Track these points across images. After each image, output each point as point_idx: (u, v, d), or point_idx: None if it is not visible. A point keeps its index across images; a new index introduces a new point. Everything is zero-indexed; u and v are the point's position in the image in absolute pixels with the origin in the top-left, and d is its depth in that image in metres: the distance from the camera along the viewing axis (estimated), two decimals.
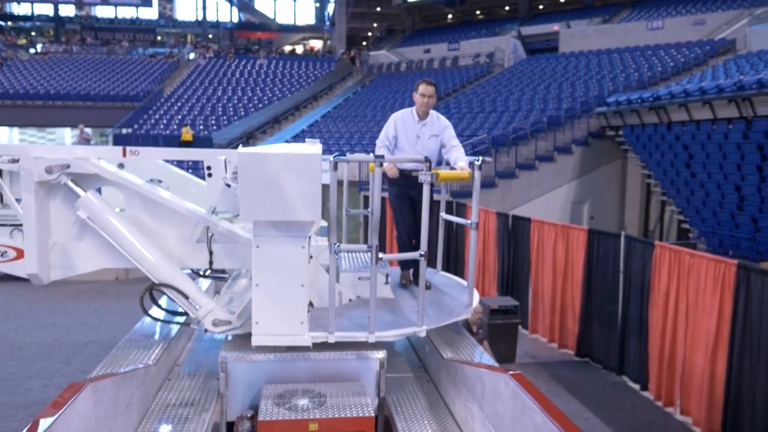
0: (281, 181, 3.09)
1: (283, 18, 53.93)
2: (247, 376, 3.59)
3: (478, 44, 34.09)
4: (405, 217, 4.81)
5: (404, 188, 4.71)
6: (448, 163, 4.67)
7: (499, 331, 9.31)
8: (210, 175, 3.58)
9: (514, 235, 11.46)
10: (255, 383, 3.58)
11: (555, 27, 33.02)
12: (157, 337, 4.07)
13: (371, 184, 4.85)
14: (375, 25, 48.65)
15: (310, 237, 3.47)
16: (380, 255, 3.49)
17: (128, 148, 3.71)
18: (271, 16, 53.79)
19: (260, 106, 29.85)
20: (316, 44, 51.10)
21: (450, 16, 43.96)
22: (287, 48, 48.38)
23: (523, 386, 2.49)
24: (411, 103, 4.92)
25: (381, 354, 3.63)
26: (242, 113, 28.75)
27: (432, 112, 4.75)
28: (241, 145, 3.57)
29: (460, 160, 4.44)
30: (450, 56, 34.51)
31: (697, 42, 25.64)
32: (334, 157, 3.38)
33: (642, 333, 8.57)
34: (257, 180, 3.10)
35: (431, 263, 4.90)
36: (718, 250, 12.83)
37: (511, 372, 2.66)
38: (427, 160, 3.66)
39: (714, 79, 16.83)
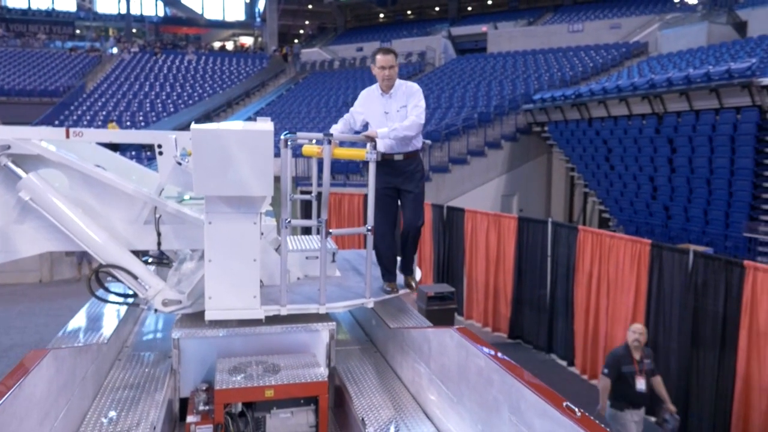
0: (235, 156, 3.19)
1: (212, 13, 52.66)
2: (199, 352, 3.67)
3: (410, 43, 34.66)
4: (388, 216, 4.17)
5: (386, 177, 4.07)
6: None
7: (437, 318, 9.64)
8: (161, 153, 3.62)
9: (449, 225, 11.87)
10: (208, 359, 3.67)
11: (483, 28, 34.09)
12: (103, 319, 4.06)
13: (314, 172, 4.99)
14: (307, 22, 48.42)
15: (261, 213, 3.59)
16: (330, 230, 3.66)
17: (71, 129, 3.68)
18: (199, 11, 52.38)
19: (190, 102, 29.13)
20: (247, 41, 50.25)
21: (382, 15, 44.41)
22: (217, 44, 47.26)
23: (467, 337, 2.74)
24: (344, 100, 4.66)
25: (331, 326, 3.79)
26: (171, 110, 27.94)
27: (399, 81, 4.14)
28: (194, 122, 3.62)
29: (381, 130, 3.92)
30: None
31: (613, 44, 27.26)
32: (284, 134, 3.51)
33: (568, 313, 9.15)
34: (211, 155, 3.18)
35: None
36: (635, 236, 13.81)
37: (456, 327, 2.90)
38: (370, 138, 3.83)
39: (629, 78, 18.01)
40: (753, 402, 6.25)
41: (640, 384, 5.71)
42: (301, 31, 48.35)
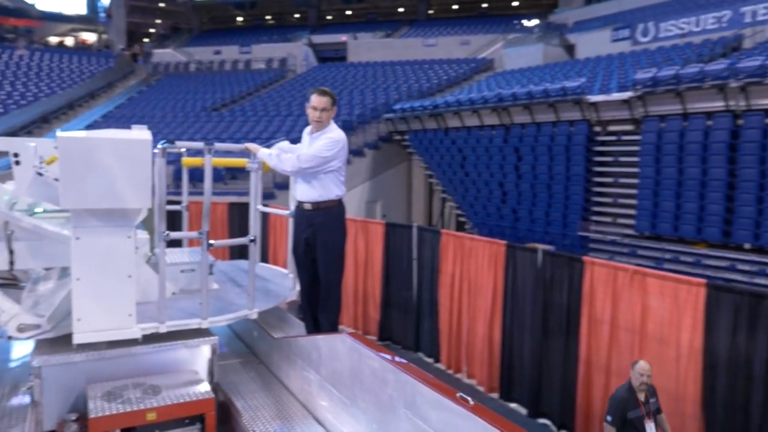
0: (109, 167, 2.99)
1: (46, 4, 47.62)
2: (65, 379, 3.37)
3: (270, 49, 34.26)
4: (302, 266, 4.11)
5: (296, 227, 4.06)
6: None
7: None
8: (18, 163, 3.28)
9: None
10: (75, 386, 3.38)
11: (343, 38, 34.76)
12: None
13: (184, 182, 4.81)
14: (158, 21, 45.72)
15: (136, 227, 3.40)
16: (211, 241, 3.57)
17: None
18: (31, 1, 47.10)
19: (23, 102, 26.12)
20: (90, 37, 46.18)
21: (240, 18, 43.38)
22: (53, 39, 42.89)
23: (360, 341, 2.83)
24: (202, 105, 4.52)
25: (213, 340, 3.68)
26: (0, 110, 24.85)
27: (332, 127, 3.97)
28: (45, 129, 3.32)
29: (263, 150, 3.98)
30: (242, 59, 34.14)
31: (464, 59, 29.28)
32: (162, 144, 3.37)
33: (433, 313, 9.65)
34: (81, 166, 2.95)
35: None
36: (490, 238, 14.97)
37: (347, 332, 2.99)
38: (250, 151, 3.81)
39: (480, 92, 19.46)
40: (593, 380, 7.08)
41: (650, 429, 5.13)
42: (152, 30, 45.56)
